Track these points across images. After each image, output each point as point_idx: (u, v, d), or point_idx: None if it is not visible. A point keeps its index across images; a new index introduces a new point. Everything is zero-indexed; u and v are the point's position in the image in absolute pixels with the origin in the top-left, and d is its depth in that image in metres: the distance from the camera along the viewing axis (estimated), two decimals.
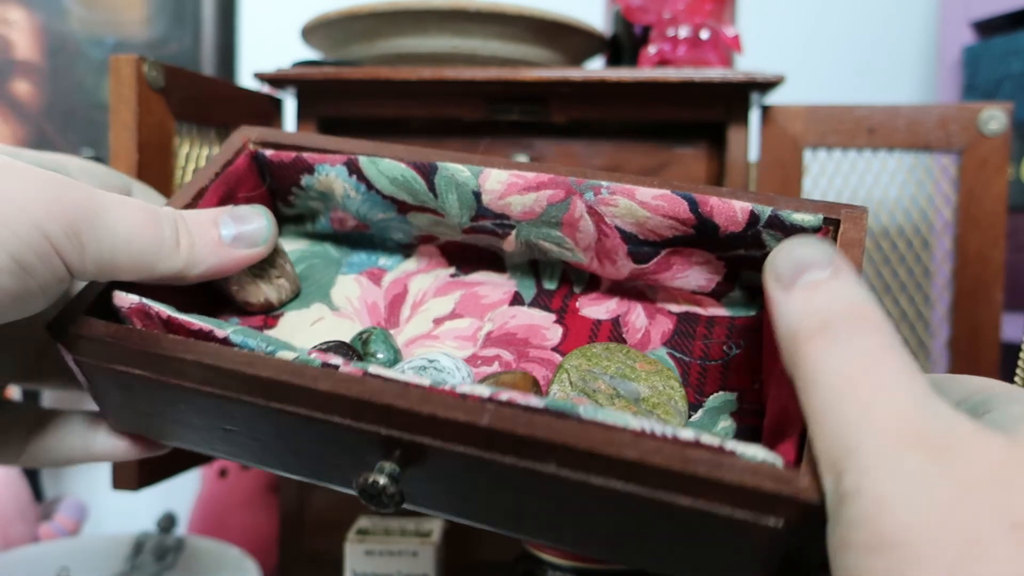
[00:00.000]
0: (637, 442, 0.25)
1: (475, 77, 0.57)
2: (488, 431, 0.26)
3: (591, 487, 0.26)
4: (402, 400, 0.27)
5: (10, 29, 0.87)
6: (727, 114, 0.59)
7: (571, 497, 0.27)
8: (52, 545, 0.60)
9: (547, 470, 0.26)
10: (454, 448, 0.27)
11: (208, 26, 0.92)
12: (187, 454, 0.55)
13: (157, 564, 0.57)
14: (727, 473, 0.24)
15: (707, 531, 0.26)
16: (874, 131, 0.59)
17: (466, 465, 0.28)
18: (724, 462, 0.24)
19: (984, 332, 0.58)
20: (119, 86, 0.48)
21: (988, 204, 0.58)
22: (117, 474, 0.50)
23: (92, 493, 0.78)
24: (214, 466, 0.77)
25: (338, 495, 0.61)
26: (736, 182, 0.60)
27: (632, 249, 0.37)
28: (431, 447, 0.28)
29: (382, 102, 0.60)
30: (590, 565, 0.46)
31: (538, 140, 0.62)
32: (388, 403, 0.27)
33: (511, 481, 0.28)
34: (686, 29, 0.60)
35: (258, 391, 0.30)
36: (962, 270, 0.59)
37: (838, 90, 1.12)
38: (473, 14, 0.58)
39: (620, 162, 0.61)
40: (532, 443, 0.26)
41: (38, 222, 0.29)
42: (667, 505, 0.25)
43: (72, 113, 0.88)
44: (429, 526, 0.52)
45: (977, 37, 0.89)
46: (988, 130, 0.58)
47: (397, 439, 0.28)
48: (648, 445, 0.25)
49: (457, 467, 0.28)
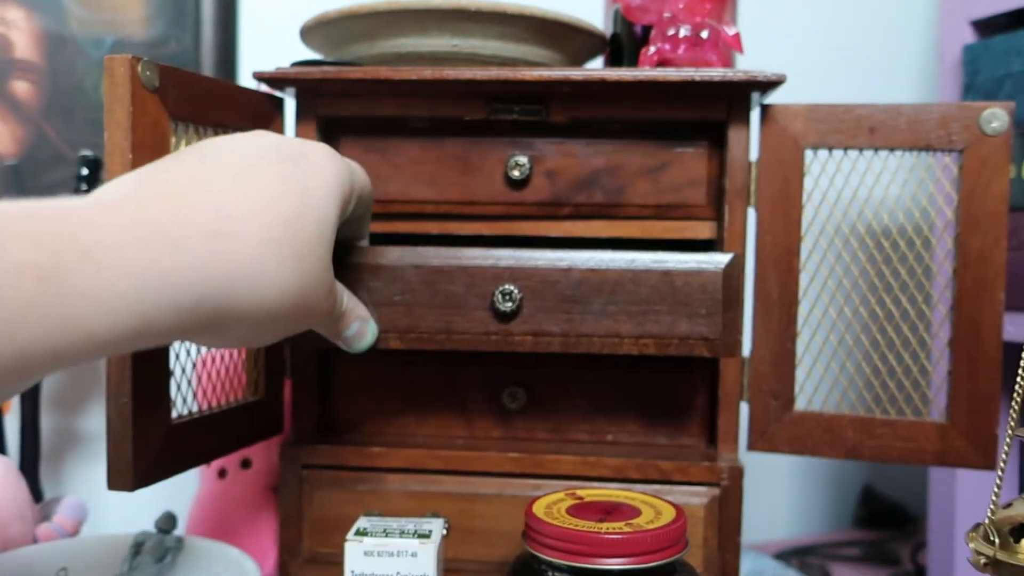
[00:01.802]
0: None
1: (475, 77, 0.57)
2: None
3: None
4: None
5: (9, 29, 0.86)
6: (728, 114, 0.59)
7: None
8: (51, 545, 0.60)
9: None
10: None
11: (208, 26, 0.91)
12: (185, 454, 0.55)
13: (157, 564, 0.57)
14: None
15: None
16: (875, 130, 0.59)
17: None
18: None
19: (985, 331, 0.58)
20: (113, 86, 0.48)
21: (989, 204, 0.58)
22: (112, 474, 0.49)
23: (92, 493, 0.78)
24: (213, 466, 0.77)
25: (338, 495, 0.61)
26: (737, 182, 0.59)
27: None
28: None
29: (382, 102, 0.60)
30: (590, 565, 0.46)
31: (538, 140, 0.62)
32: None
33: None
34: (686, 29, 0.60)
35: None
36: (963, 270, 0.59)
37: (838, 90, 1.12)
38: (473, 13, 0.58)
39: (620, 162, 0.61)
40: None
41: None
42: None
43: (71, 113, 0.88)
44: (429, 526, 0.52)
45: (977, 36, 0.89)
46: (990, 129, 0.58)
47: None
48: None
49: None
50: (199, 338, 0.39)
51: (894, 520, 1.12)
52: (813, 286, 0.62)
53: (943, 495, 0.90)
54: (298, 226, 0.39)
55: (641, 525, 0.47)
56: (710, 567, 0.58)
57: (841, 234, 0.62)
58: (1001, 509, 0.55)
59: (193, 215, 0.36)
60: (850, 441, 0.60)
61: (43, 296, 0.30)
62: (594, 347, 0.53)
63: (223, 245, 0.36)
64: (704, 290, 0.53)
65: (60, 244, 0.31)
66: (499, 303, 0.52)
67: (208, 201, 0.37)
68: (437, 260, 0.53)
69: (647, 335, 0.53)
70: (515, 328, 0.53)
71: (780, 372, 0.60)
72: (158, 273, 0.33)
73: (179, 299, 0.34)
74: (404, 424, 0.64)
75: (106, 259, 0.32)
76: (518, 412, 0.63)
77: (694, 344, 0.53)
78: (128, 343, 0.33)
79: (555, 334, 0.53)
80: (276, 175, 0.40)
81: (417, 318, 0.53)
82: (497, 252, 0.53)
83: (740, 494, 0.58)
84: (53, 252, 0.31)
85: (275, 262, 0.38)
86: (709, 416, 0.62)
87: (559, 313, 0.53)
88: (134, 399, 0.49)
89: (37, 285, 0.30)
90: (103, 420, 0.91)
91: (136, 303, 0.33)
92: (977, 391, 0.58)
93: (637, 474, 0.59)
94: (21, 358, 0.30)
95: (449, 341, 0.53)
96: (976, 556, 0.54)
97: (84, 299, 0.31)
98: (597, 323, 0.53)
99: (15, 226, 0.30)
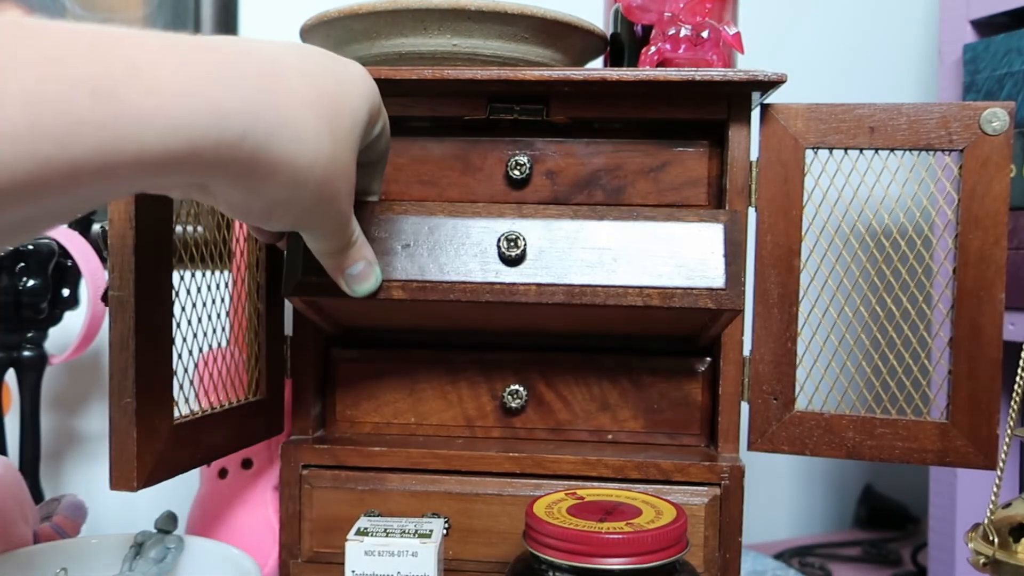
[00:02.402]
0: None
1: (475, 77, 0.57)
2: None
3: None
4: None
5: None
6: (728, 113, 0.59)
7: None
8: (51, 545, 0.60)
9: None
10: None
11: (208, 26, 0.91)
12: (186, 454, 0.55)
13: (157, 564, 0.57)
14: None
15: None
16: (875, 130, 0.59)
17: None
18: None
19: (986, 331, 0.58)
20: None
21: (990, 203, 0.58)
22: (115, 474, 0.49)
23: (92, 493, 0.78)
24: (213, 466, 0.77)
25: (338, 495, 0.61)
26: (737, 181, 0.59)
27: None
28: None
29: (382, 101, 0.60)
30: (591, 565, 0.46)
31: (538, 140, 0.62)
32: None
33: None
34: (687, 28, 0.60)
35: None
36: (963, 269, 0.59)
37: (838, 89, 1.12)
38: (473, 13, 0.58)
39: (621, 161, 0.61)
40: None
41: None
42: None
43: None
44: (429, 526, 0.52)
45: (978, 35, 0.89)
46: (990, 129, 0.58)
47: None
48: None
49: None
50: (230, 189, 0.39)
51: (895, 520, 1.12)
52: (813, 286, 0.62)
53: (944, 495, 0.90)
54: (334, 108, 0.41)
55: (642, 525, 0.47)
56: (710, 567, 0.58)
57: (841, 234, 0.62)
58: (1000, 509, 0.55)
59: (246, 59, 0.37)
60: (850, 441, 0.60)
61: (97, 110, 0.31)
62: (598, 298, 0.53)
63: (270, 92, 0.37)
64: (709, 242, 0.53)
65: (115, 62, 0.32)
66: (504, 248, 0.53)
67: (258, 55, 0.38)
68: (443, 213, 0.54)
69: (651, 287, 0.53)
70: (519, 278, 0.53)
71: (780, 372, 0.61)
72: (207, 101, 0.34)
73: (224, 130, 0.35)
74: (404, 424, 0.64)
75: (158, 82, 0.33)
76: (518, 412, 0.63)
77: (698, 295, 0.52)
78: (172, 168, 0.34)
79: (559, 286, 0.53)
80: (319, 61, 0.42)
81: (421, 268, 0.53)
82: (502, 207, 0.54)
83: (741, 494, 0.58)
84: (108, 69, 0.31)
85: (314, 124, 0.39)
86: (710, 416, 0.62)
87: (564, 264, 0.53)
88: (137, 399, 0.49)
89: (91, 99, 0.31)
90: (103, 420, 0.91)
91: (184, 128, 0.33)
92: (977, 391, 0.58)
93: (637, 474, 0.59)
94: (72, 170, 0.31)
95: (452, 291, 0.53)
96: (975, 556, 0.54)
97: (136, 117, 0.32)
98: (602, 275, 0.53)
99: (72, 41, 0.31)
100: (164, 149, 0.33)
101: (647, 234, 0.53)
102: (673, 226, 0.53)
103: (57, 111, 0.30)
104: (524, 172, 0.61)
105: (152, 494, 0.57)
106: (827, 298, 0.62)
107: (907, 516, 1.13)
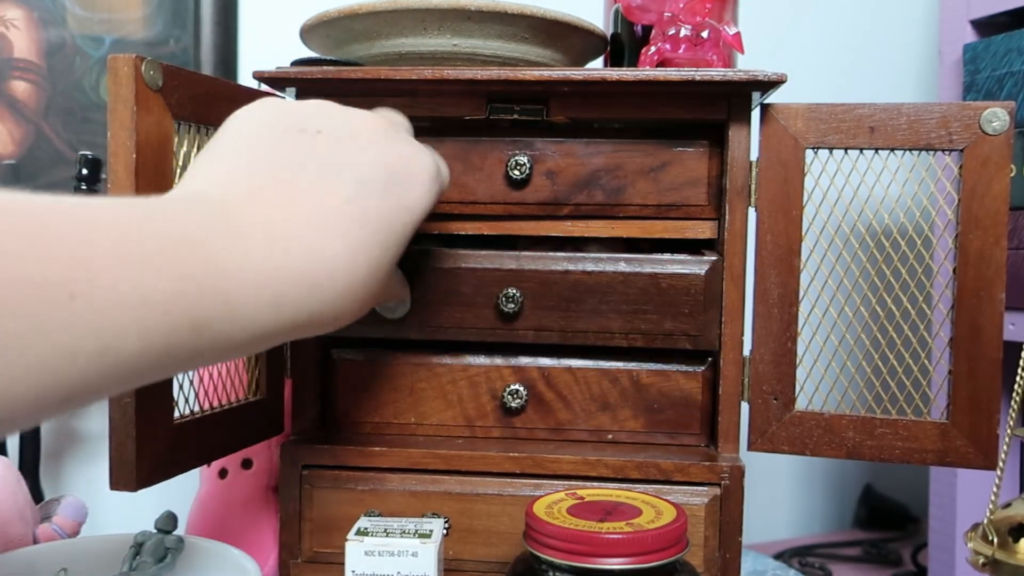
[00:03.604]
0: None
1: (475, 77, 0.57)
2: None
3: None
4: None
5: (8, 28, 0.86)
6: (728, 113, 0.59)
7: None
8: (51, 545, 0.60)
9: None
10: None
11: (207, 25, 0.91)
12: (187, 454, 0.55)
13: (157, 564, 0.57)
14: None
15: None
16: (875, 130, 0.59)
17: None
18: None
19: (986, 331, 0.58)
20: (117, 86, 0.48)
21: (990, 203, 0.58)
22: (115, 474, 0.49)
23: (92, 493, 0.78)
24: (213, 466, 0.77)
25: (338, 495, 0.61)
26: (737, 181, 0.59)
27: None
28: None
29: (382, 102, 0.60)
30: (591, 565, 0.46)
31: (538, 140, 0.62)
32: None
33: None
34: (687, 28, 0.60)
35: None
36: (963, 269, 0.59)
37: (838, 89, 1.12)
38: (473, 13, 0.58)
39: (620, 161, 0.61)
40: None
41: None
42: None
43: (70, 112, 0.88)
44: (430, 526, 0.52)
45: (978, 35, 0.89)
46: (990, 129, 0.58)
47: None
48: None
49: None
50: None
51: (895, 520, 1.12)
52: (813, 286, 0.62)
53: (944, 495, 0.90)
54: (386, 258, 0.43)
55: (642, 525, 0.47)
56: (710, 567, 0.58)
57: (841, 234, 0.62)
58: (1000, 509, 0.55)
59: (288, 256, 0.38)
60: (851, 441, 0.60)
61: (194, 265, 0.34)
62: (588, 340, 0.61)
63: (319, 290, 0.39)
64: (687, 292, 0.60)
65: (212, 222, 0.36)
66: (503, 305, 0.60)
67: (305, 240, 0.39)
68: (449, 262, 0.60)
69: (636, 331, 0.61)
70: (519, 325, 0.61)
71: (780, 372, 0.61)
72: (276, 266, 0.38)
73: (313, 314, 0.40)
74: (404, 424, 0.64)
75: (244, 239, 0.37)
76: (518, 412, 0.63)
77: (677, 338, 0.61)
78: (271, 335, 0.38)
79: (554, 329, 0.61)
80: (378, 209, 0.43)
81: (433, 313, 0.61)
82: (502, 254, 0.61)
83: (741, 494, 0.58)
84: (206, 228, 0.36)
85: (359, 303, 0.42)
86: (710, 416, 0.62)
87: (557, 311, 0.61)
88: (137, 399, 0.49)
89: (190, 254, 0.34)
90: (103, 420, 0.91)
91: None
92: (977, 391, 0.58)
93: (637, 474, 0.59)
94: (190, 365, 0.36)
95: (461, 334, 0.61)
96: (975, 556, 0.54)
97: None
98: (591, 320, 0.60)
99: (169, 205, 0.35)
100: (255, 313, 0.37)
101: (633, 282, 0.60)
102: (658, 275, 0.60)
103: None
104: (524, 172, 0.61)
105: (152, 494, 0.57)
106: (827, 298, 0.62)
107: (907, 516, 1.13)
